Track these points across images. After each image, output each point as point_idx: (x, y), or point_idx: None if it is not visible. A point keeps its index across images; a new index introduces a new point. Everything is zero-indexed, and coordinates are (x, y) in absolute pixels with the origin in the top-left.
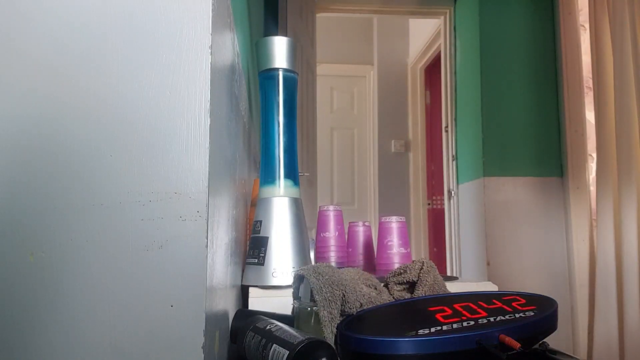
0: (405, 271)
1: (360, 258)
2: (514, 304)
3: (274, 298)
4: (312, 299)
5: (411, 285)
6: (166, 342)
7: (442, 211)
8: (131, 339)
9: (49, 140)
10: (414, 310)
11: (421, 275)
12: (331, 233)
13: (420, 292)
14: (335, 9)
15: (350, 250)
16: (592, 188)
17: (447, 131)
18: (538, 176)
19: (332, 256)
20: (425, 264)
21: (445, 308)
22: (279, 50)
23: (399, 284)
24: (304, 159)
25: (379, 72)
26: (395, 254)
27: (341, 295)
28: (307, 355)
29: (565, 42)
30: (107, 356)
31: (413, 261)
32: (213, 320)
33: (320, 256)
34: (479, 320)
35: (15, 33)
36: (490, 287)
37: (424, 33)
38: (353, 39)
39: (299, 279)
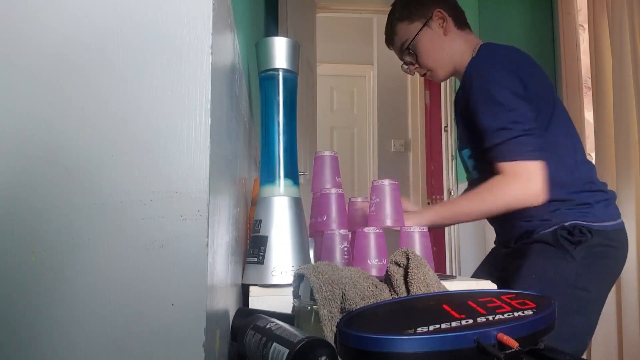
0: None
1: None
2: (513, 302)
3: (274, 297)
4: (312, 298)
5: (406, 276)
6: (167, 340)
7: None
8: (132, 337)
9: (51, 140)
10: (413, 308)
11: (410, 271)
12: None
13: (414, 289)
14: (335, 9)
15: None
16: None
17: (446, 131)
18: None
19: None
20: (411, 259)
21: (444, 306)
22: (279, 50)
23: (396, 264)
24: (304, 158)
25: (379, 72)
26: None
27: (341, 293)
28: (307, 353)
29: (564, 42)
30: (108, 355)
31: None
32: (214, 318)
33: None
34: (478, 319)
35: (17, 33)
36: (489, 285)
37: None
38: (353, 39)
39: (299, 277)
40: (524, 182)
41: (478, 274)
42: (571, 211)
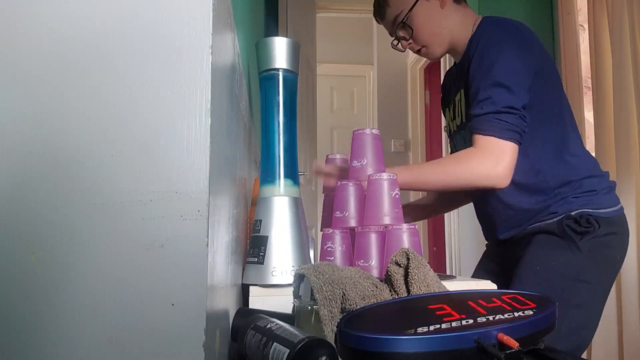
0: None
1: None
2: (513, 303)
3: (274, 297)
4: (313, 298)
5: (406, 277)
6: (167, 340)
7: None
8: (132, 337)
9: (51, 140)
10: (413, 308)
11: (410, 271)
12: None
13: (415, 289)
14: (335, 9)
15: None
16: None
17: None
18: None
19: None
20: (412, 259)
21: (445, 306)
22: (280, 50)
23: (396, 264)
24: (304, 158)
25: (379, 72)
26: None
27: (341, 293)
28: (308, 353)
29: (564, 42)
30: (108, 355)
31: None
32: (214, 318)
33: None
34: (478, 319)
35: (17, 33)
36: (489, 285)
37: None
38: (353, 39)
39: (299, 277)
40: (492, 160)
41: (477, 274)
42: (577, 199)
